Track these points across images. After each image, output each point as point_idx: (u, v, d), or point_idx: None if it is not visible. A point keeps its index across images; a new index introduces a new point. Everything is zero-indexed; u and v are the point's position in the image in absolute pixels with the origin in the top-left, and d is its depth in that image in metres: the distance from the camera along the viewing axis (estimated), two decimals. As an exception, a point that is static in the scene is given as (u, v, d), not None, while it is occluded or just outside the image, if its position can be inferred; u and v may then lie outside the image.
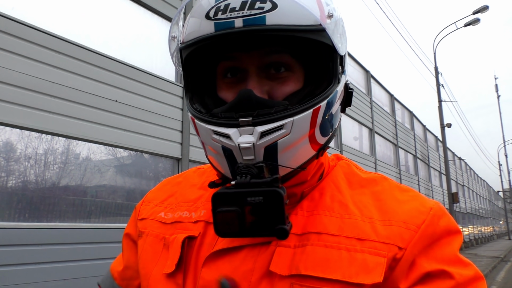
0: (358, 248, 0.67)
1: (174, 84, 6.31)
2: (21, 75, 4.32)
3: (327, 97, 0.69)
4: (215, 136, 0.67)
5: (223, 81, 0.75)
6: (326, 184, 0.79)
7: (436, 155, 24.71)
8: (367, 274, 0.65)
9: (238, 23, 0.64)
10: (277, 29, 0.64)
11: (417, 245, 0.68)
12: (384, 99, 16.78)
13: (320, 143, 0.72)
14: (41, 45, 4.56)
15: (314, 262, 0.67)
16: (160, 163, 6.24)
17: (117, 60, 5.46)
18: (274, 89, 0.71)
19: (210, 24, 0.66)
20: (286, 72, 0.72)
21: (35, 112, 4.40)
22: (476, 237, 30.55)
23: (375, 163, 14.13)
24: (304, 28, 0.66)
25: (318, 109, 0.68)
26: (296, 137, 0.66)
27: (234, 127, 0.65)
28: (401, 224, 0.69)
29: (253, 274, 0.68)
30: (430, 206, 0.72)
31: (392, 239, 0.68)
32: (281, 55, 0.71)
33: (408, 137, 18.93)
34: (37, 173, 4.62)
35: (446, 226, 0.71)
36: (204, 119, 0.70)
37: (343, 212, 0.72)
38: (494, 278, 12.40)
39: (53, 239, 4.38)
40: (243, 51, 0.71)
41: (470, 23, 18.21)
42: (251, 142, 0.64)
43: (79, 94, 4.88)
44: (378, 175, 0.82)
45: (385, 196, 0.75)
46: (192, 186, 0.90)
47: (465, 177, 33.27)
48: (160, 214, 0.88)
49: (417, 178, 19.16)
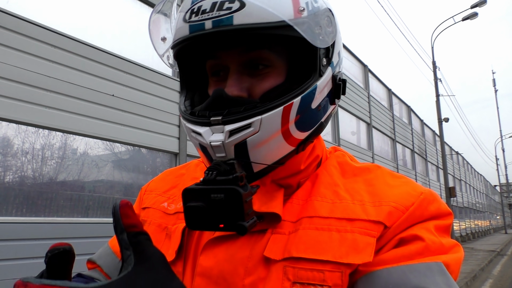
0: (349, 228, 0.69)
1: (171, 79, 6.29)
2: (17, 69, 4.30)
3: (301, 93, 0.69)
4: (193, 134, 0.71)
5: (211, 79, 0.78)
6: (320, 172, 0.81)
7: (434, 150, 24.77)
8: (357, 254, 0.66)
9: (208, 24, 0.67)
10: (244, 28, 0.66)
11: (402, 225, 0.69)
12: (382, 94, 16.78)
13: (298, 138, 0.72)
14: (37, 39, 4.54)
15: (305, 244, 0.68)
16: (157, 157, 6.24)
17: (114, 54, 5.43)
18: (254, 86, 0.72)
19: (186, 26, 0.69)
20: (267, 68, 0.73)
21: (31, 107, 4.38)
22: (472, 231, 30.71)
23: (372, 158, 14.15)
24: (271, 25, 0.66)
25: (290, 106, 0.68)
26: (266, 134, 0.67)
27: (206, 125, 0.68)
28: (391, 204, 0.71)
29: (249, 261, 0.70)
30: (421, 191, 0.73)
31: (381, 217, 0.69)
32: (259, 52, 0.72)
33: (405, 132, 18.96)
34: (34, 168, 4.61)
35: (436, 210, 0.72)
36: (184, 117, 0.74)
37: (335, 198, 0.74)
38: (491, 271, 12.48)
39: (50, 234, 4.38)
40: (222, 49, 0.73)
41: (468, 17, 18.18)
42: (220, 140, 0.66)
43: (76, 89, 4.86)
44: (372, 164, 0.83)
45: (376, 182, 0.77)
46: (194, 179, 0.91)
47: (462, 172, 33.37)
48: (163, 204, 0.89)
49: (415, 173, 19.21)
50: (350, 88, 12.62)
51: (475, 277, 10.81)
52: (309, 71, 0.72)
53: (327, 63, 0.75)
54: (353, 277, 0.66)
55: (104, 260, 0.97)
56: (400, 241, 0.68)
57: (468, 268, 11.94)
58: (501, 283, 10.31)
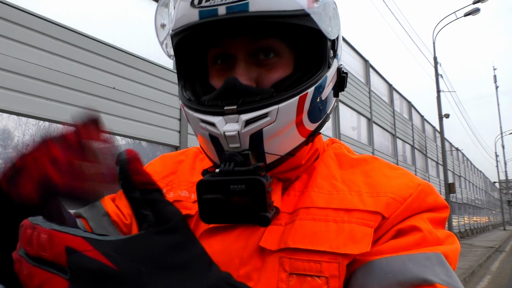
0: (346, 219, 0.68)
1: (172, 72, 6.27)
2: (18, 61, 4.29)
3: (315, 83, 0.69)
4: (202, 124, 0.68)
5: (213, 68, 0.75)
6: (317, 164, 0.80)
7: (434, 146, 24.78)
8: (354, 244, 0.65)
9: (221, 10, 0.63)
10: (260, 15, 0.63)
11: (399, 215, 0.68)
12: (383, 89, 16.76)
13: (309, 130, 0.72)
14: (39, 31, 4.52)
15: (302, 235, 0.67)
16: (158, 151, 6.24)
17: (116, 47, 5.42)
18: (262, 76, 0.71)
19: (195, 11, 0.65)
20: (275, 57, 0.71)
21: (32, 99, 4.38)
22: (471, 227, 30.78)
23: (372, 153, 14.16)
24: (287, 13, 0.65)
25: (305, 96, 0.67)
26: (282, 124, 0.66)
27: (220, 115, 0.66)
28: (388, 195, 0.70)
29: (245, 251, 0.69)
30: (419, 183, 0.73)
31: (378, 207, 0.68)
32: (268, 40, 0.70)
33: (406, 127, 18.95)
34: (35, 160, 4.61)
35: (433, 202, 0.72)
36: (191, 107, 0.70)
37: (332, 189, 0.73)
38: (489, 267, 12.53)
39: (51, 226, 4.39)
40: (230, 37, 0.70)
41: (470, 12, 18.11)
42: (236, 130, 0.64)
43: (77, 81, 4.85)
44: (369, 156, 0.82)
45: (374, 173, 0.76)
46: (192, 169, 0.90)
47: (462, 168, 33.40)
48: None
49: (414, 168, 19.23)
50: (351, 83, 12.58)
51: (473, 273, 10.86)
52: (319, 62, 0.71)
53: (333, 55, 0.75)
54: (351, 267, 0.66)
55: (90, 213, 0.90)
56: (398, 232, 0.68)
57: (467, 264, 11.98)
58: (499, 279, 10.35)
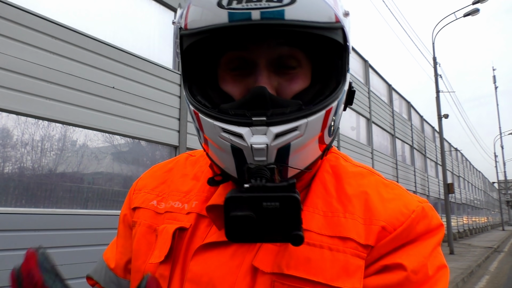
0: (341, 248, 0.67)
1: (171, 71, 6.27)
2: (18, 61, 4.28)
3: (337, 98, 0.68)
4: (224, 134, 0.64)
5: (227, 73, 0.71)
6: (313, 181, 0.77)
7: (433, 146, 24.77)
8: (348, 277, 0.65)
9: (255, 15, 0.60)
10: (296, 25, 0.61)
11: (386, 245, 0.68)
12: (382, 89, 16.76)
13: (326, 143, 0.72)
14: (38, 30, 4.52)
15: (296, 261, 0.66)
16: (157, 150, 6.24)
17: (115, 47, 5.42)
18: (283, 86, 0.69)
19: (223, 12, 0.61)
20: (295, 68, 0.70)
21: (31, 98, 4.37)
22: (470, 228, 30.81)
23: (372, 153, 14.16)
24: (322, 25, 0.63)
25: (330, 110, 0.67)
26: (308, 138, 0.65)
27: (247, 126, 0.62)
28: (380, 223, 0.69)
29: (239, 270, 0.68)
30: (413, 209, 0.71)
31: (370, 240, 0.68)
32: (292, 49, 0.69)
33: (405, 128, 18.95)
34: (34, 160, 4.61)
35: (425, 228, 0.70)
36: (212, 115, 0.66)
37: (327, 210, 0.72)
38: (487, 268, 12.54)
39: (50, 225, 4.39)
40: (254, 42, 0.67)
41: (470, 13, 18.11)
42: (265, 143, 0.61)
43: (76, 80, 4.85)
44: (365, 170, 0.81)
45: (370, 191, 0.74)
46: (184, 176, 0.88)
47: (461, 168, 33.42)
48: (153, 202, 0.86)
49: (413, 169, 19.24)
50: (351, 83, 12.54)
51: (471, 273, 10.87)
52: (338, 75, 0.71)
53: (347, 69, 0.74)
54: None
55: (99, 275, 0.93)
56: (384, 267, 0.67)
57: (465, 264, 11.99)
58: (498, 280, 10.36)
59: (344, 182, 0.76)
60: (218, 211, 0.72)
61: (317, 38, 0.66)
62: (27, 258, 0.48)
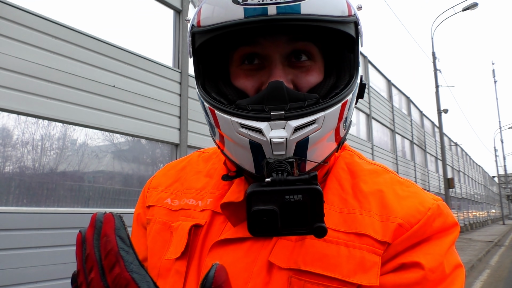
0: (357, 244, 0.67)
1: (172, 70, 6.27)
2: (18, 60, 4.28)
3: (352, 91, 0.69)
4: (242, 130, 0.64)
5: (240, 68, 0.71)
6: (328, 178, 0.78)
7: (433, 141, 24.79)
8: (364, 273, 0.65)
9: (271, 10, 0.61)
10: (313, 19, 0.62)
11: (403, 242, 0.68)
12: (382, 85, 16.75)
13: (341, 137, 0.72)
14: (38, 30, 4.51)
15: (313, 256, 0.67)
16: (157, 148, 6.24)
17: (115, 46, 5.41)
18: (299, 78, 0.69)
19: (239, 8, 0.62)
20: (309, 61, 0.70)
21: (31, 97, 4.37)
22: (471, 222, 30.87)
23: (372, 149, 14.17)
24: (337, 19, 0.64)
25: (346, 103, 0.67)
26: (326, 131, 0.66)
27: (265, 120, 0.63)
28: (397, 221, 0.69)
29: (254, 265, 0.69)
30: (429, 206, 0.71)
31: (387, 237, 0.68)
32: (306, 43, 0.69)
33: (405, 123, 18.95)
34: (35, 159, 4.61)
35: (440, 226, 0.70)
36: (228, 111, 0.66)
37: (343, 207, 0.72)
38: (488, 262, 12.58)
39: (51, 224, 4.40)
40: (269, 37, 0.68)
41: (468, 7, 18.09)
42: (284, 137, 0.62)
43: (76, 79, 4.84)
44: (381, 167, 0.81)
45: (386, 189, 0.74)
46: (197, 173, 0.89)
47: (461, 163, 33.45)
48: (167, 200, 0.87)
49: (414, 164, 19.25)
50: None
51: (472, 268, 10.89)
52: (351, 69, 0.72)
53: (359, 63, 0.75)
54: None
55: None
56: (401, 265, 0.67)
57: (466, 258, 12.02)
58: (498, 274, 10.39)
59: (359, 179, 0.76)
60: (233, 208, 0.73)
61: (330, 32, 0.67)
62: (105, 221, 0.48)
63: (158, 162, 6.24)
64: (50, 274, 4.30)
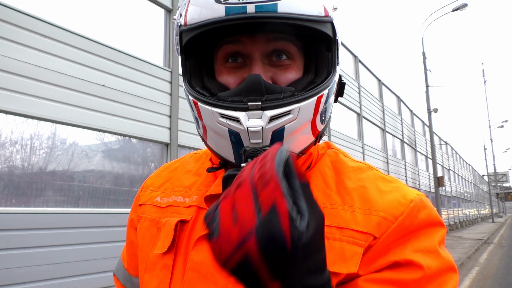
0: (337, 236, 0.69)
1: (162, 69, 6.25)
2: (6, 59, 4.24)
3: (328, 86, 0.73)
4: (222, 120, 0.69)
5: (224, 66, 0.76)
6: (313, 173, 0.80)
7: (423, 140, 24.98)
8: (343, 263, 0.66)
9: (250, 8, 0.66)
10: (289, 17, 0.66)
11: (391, 235, 0.68)
12: (372, 84, 16.84)
13: (319, 130, 0.76)
14: (27, 28, 4.48)
15: None
16: (148, 148, 6.22)
17: (104, 45, 5.38)
18: (278, 76, 0.73)
19: (220, 7, 0.67)
20: (288, 60, 0.74)
21: (20, 97, 4.33)
22: (460, 220, 31.14)
23: (362, 148, 14.24)
24: (313, 18, 0.68)
25: (321, 97, 0.71)
26: (301, 123, 0.70)
27: (243, 110, 0.67)
28: (380, 214, 0.70)
29: None
30: (411, 198, 0.72)
31: (369, 228, 0.69)
32: (285, 43, 0.73)
33: (395, 122, 19.08)
34: (24, 158, 4.57)
35: (426, 218, 0.71)
36: (210, 102, 0.70)
37: (326, 202, 0.74)
38: (477, 259, 12.71)
39: (41, 224, 4.37)
40: (249, 35, 0.72)
41: (458, 8, 18.25)
42: (260, 126, 0.66)
43: (66, 79, 4.81)
44: (365, 165, 0.83)
45: (368, 185, 0.76)
46: (187, 172, 0.92)
47: (451, 161, 33.72)
48: (156, 198, 0.90)
49: (404, 163, 19.38)
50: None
51: (462, 265, 11.00)
52: (328, 67, 0.75)
53: (337, 62, 0.78)
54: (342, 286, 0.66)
55: (119, 273, 1.02)
56: (394, 263, 0.67)
57: (455, 256, 12.14)
58: (487, 271, 10.50)
59: (343, 176, 0.79)
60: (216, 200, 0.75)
61: (308, 31, 0.71)
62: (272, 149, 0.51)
63: (148, 162, 6.22)
64: (39, 274, 4.27)
